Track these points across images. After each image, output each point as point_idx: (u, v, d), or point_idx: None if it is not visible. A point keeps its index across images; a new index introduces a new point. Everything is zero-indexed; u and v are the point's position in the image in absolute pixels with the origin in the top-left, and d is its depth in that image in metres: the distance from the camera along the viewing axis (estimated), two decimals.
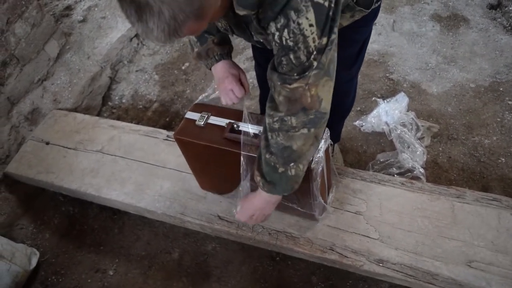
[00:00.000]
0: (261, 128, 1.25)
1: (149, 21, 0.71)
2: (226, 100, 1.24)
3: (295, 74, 0.90)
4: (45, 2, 2.52)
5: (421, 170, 1.80)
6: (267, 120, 1.03)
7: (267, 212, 1.25)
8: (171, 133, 1.84)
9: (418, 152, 1.85)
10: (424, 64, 2.30)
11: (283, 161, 1.05)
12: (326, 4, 0.82)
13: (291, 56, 0.88)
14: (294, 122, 0.98)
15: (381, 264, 1.38)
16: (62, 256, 1.80)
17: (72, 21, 2.48)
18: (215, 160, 1.34)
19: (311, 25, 0.83)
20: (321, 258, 1.45)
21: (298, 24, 0.82)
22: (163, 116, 2.31)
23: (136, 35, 2.58)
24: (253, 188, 1.27)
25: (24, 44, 2.03)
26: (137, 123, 2.20)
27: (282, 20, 0.83)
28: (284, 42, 0.86)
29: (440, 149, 1.95)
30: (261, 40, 1.05)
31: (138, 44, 2.61)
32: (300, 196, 1.30)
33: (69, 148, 1.91)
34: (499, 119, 2.01)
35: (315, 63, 0.89)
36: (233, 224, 1.55)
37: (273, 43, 0.89)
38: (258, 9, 0.85)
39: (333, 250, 1.43)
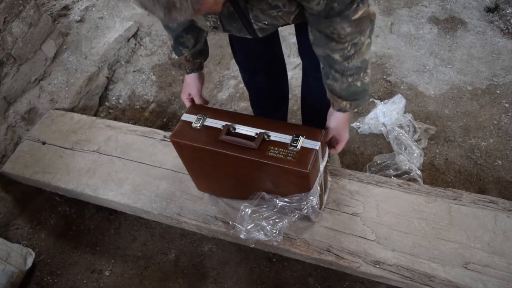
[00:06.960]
0: (257, 131, 1.25)
1: None
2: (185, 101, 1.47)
3: (355, 4, 0.97)
4: (43, 2, 2.51)
5: (418, 172, 1.80)
6: (338, 55, 1.09)
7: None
8: (168, 134, 1.83)
9: (415, 154, 1.85)
10: (421, 66, 2.31)
11: (359, 74, 1.13)
12: None
13: None
14: (363, 38, 1.06)
15: (377, 266, 1.38)
16: (58, 257, 1.79)
17: (70, 21, 2.47)
18: (212, 163, 1.34)
19: None
20: (317, 260, 1.45)
21: None
22: (160, 117, 2.31)
23: (134, 36, 2.58)
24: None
25: (21, 44, 2.02)
26: (134, 124, 2.19)
27: None
28: None
29: (437, 151, 1.95)
30: (266, 23, 1.08)
31: (135, 44, 2.61)
32: None
33: (65, 148, 1.90)
34: (495, 122, 2.01)
35: None
36: (230, 225, 1.54)
37: None
38: None
39: (329, 252, 1.43)
